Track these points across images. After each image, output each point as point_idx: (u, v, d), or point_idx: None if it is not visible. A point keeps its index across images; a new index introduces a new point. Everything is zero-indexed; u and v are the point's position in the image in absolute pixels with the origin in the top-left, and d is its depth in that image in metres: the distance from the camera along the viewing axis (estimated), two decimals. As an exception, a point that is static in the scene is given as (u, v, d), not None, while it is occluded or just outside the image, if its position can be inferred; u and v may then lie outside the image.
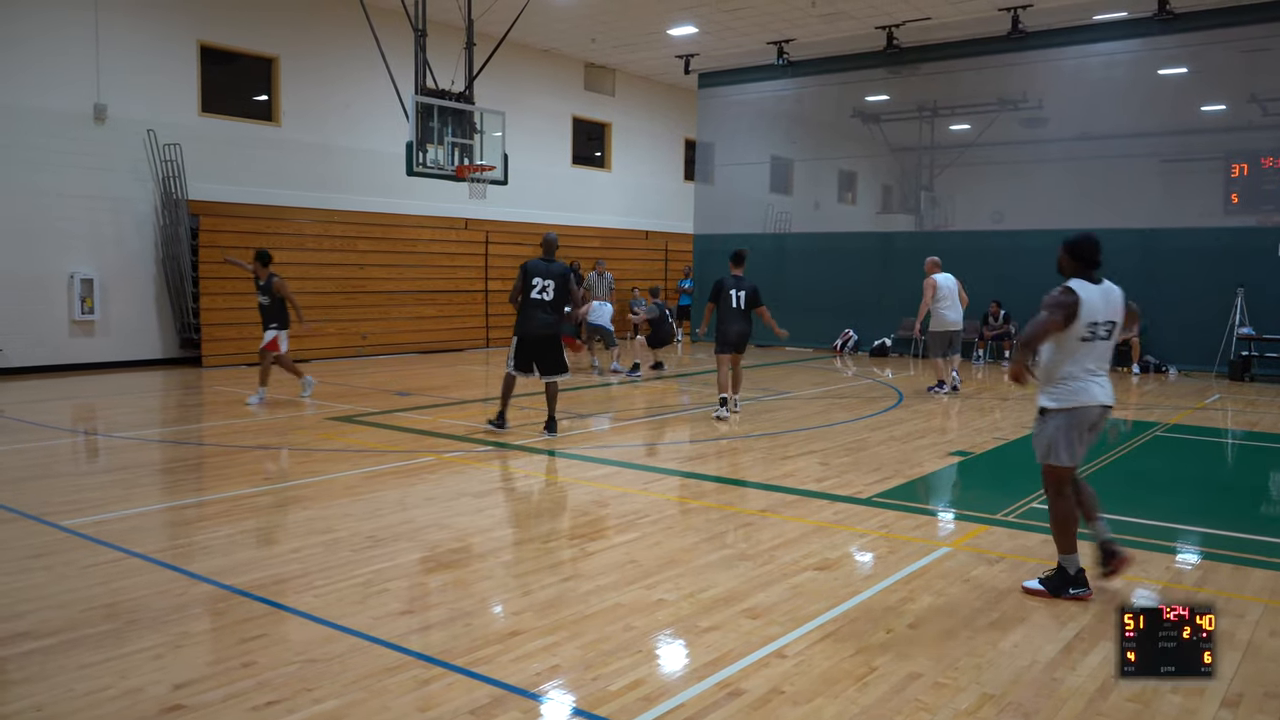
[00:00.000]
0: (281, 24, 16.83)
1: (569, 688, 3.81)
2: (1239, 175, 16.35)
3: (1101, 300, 4.82)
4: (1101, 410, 4.88)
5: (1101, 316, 4.81)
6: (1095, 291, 4.81)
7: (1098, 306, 4.79)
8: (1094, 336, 4.80)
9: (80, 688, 3.73)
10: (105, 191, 14.83)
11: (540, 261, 9.48)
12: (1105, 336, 4.85)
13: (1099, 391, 4.85)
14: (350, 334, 17.76)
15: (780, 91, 21.33)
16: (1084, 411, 4.83)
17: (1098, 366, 4.88)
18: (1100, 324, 4.81)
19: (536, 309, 9.32)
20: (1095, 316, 4.78)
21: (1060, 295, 4.79)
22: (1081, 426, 4.86)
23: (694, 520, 6.50)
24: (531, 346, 9.43)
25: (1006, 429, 10.37)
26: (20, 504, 6.61)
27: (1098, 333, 4.81)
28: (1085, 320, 4.75)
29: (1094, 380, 4.85)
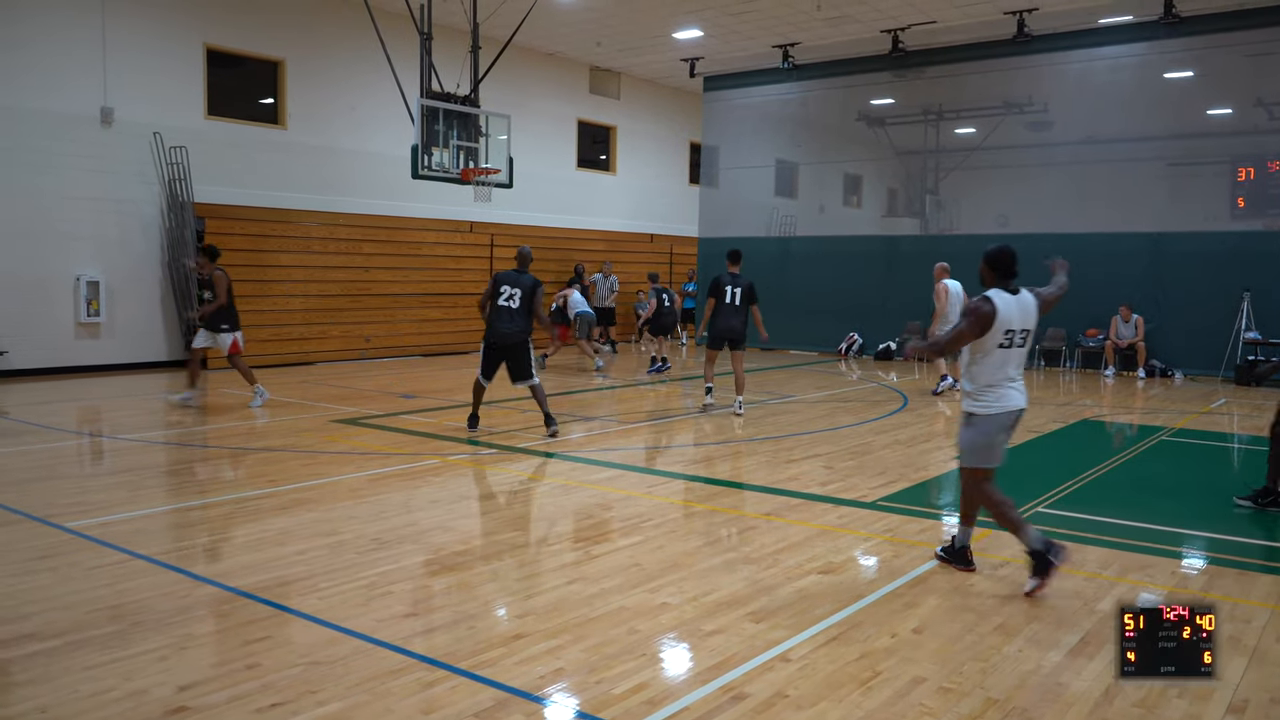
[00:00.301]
0: (287, 27, 16.87)
1: (573, 691, 3.81)
2: (1245, 179, 16.32)
3: (1017, 310, 5.09)
4: (1018, 413, 5.21)
5: (1017, 325, 5.09)
6: (1012, 301, 5.08)
7: (1014, 315, 5.07)
8: (1011, 344, 5.10)
9: (85, 689, 3.74)
10: (111, 194, 14.87)
11: (512, 272, 9.75)
12: (1021, 344, 5.14)
13: (1017, 397, 5.18)
14: (354, 336, 17.78)
15: (785, 95, 21.34)
16: (1005, 416, 5.16)
17: (1016, 373, 5.17)
18: (1016, 332, 5.09)
19: (503, 316, 9.54)
20: (1011, 325, 5.06)
21: (978, 304, 5.05)
22: (1002, 429, 5.19)
23: (698, 524, 6.50)
24: (498, 353, 9.62)
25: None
26: (25, 506, 6.63)
27: (1014, 340, 5.10)
28: (1002, 328, 5.03)
29: (1013, 387, 5.16)
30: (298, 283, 16.96)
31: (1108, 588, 5.14)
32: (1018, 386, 5.18)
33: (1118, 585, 5.18)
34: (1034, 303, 5.20)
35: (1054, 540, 5.08)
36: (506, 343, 9.54)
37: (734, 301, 11.14)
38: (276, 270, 16.68)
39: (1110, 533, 6.31)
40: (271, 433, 9.75)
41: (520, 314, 9.54)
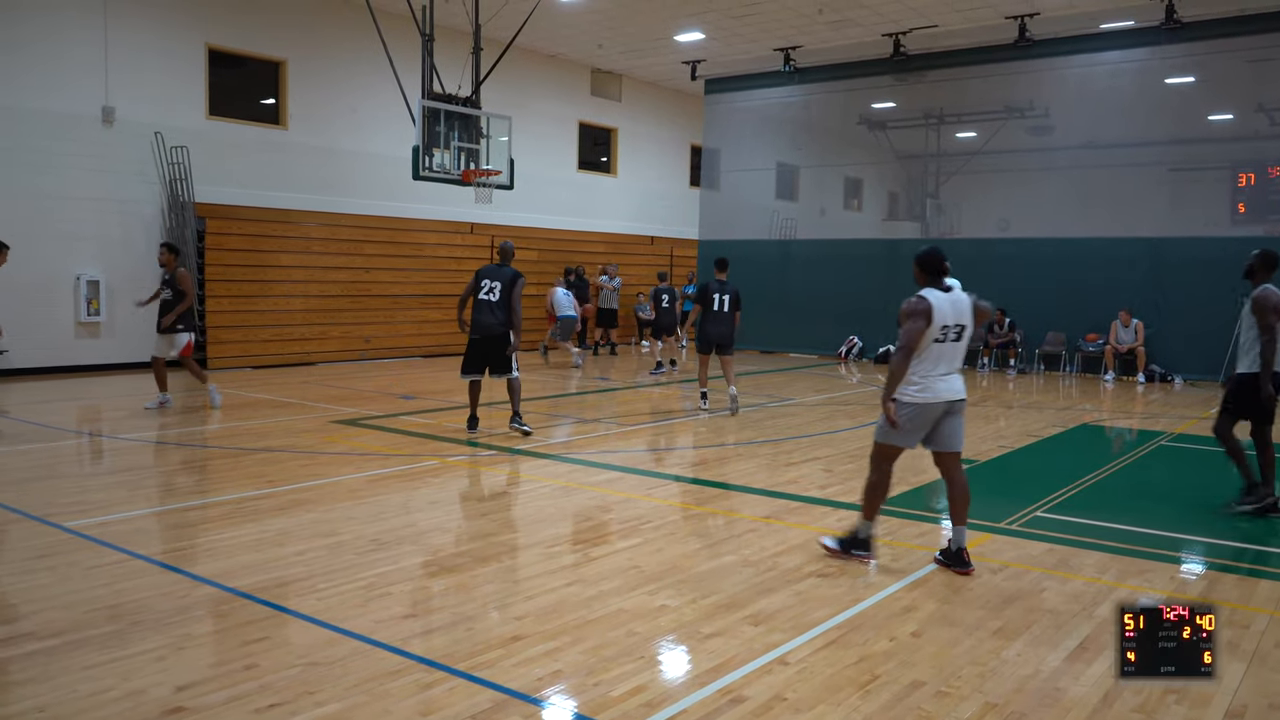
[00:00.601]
0: (289, 27, 16.88)
1: (571, 693, 3.80)
2: (1246, 185, 16.32)
3: (950, 306, 5.32)
4: (947, 404, 5.42)
5: (951, 320, 5.31)
6: (944, 298, 5.31)
7: (947, 311, 5.30)
8: (945, 338, 5.32)
9: (83, 689, 3.74)
10: (112, 194, 14.87)
11: (493, 265, 9.81)
12: (955, 339, 5.37)
13: (945, 389, 5.38)
14: (354, 337, 17.79)
15: (787, 98, 21.34)
16: (931, 407, 5.38)
17: (948, 368, 5.39)
18: (950, 327, 5.32)
19: (483, 310, 9.59)
20: (945, 320, 5.28)
21: (915, 303, 5.28)
22: (926, 418, 5.41)
23: (697, 526, 6.50)
24: (477, 346, 9.71)
25: (1010, 437, 10.35)
26: (25, 505, 6.63)
27: (949, 335, 5.33)
28: (937, 324, 5.26)
29: (942, 380, 5.37)
30: (298, 283, 16.97)
31: (1106, 592, 5.14)
32: (947, 380, 5.38)
33: (1116, 590, 5.18)
34: (967, 300, 5.41)
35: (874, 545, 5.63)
36: (488, 334, 9.60)
37: (722, 308, 11.46)
38: (277, 271, 16.68)
39: (1109, 537, 6.31)
40: (271, 433, 9.75)
41: (500, 307, 9.56)
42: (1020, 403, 13.36)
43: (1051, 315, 17.58)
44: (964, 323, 5.36)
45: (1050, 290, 17.48)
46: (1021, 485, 8.16)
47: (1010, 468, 8.88)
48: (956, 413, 5.48)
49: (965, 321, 5.36)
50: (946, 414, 5.44)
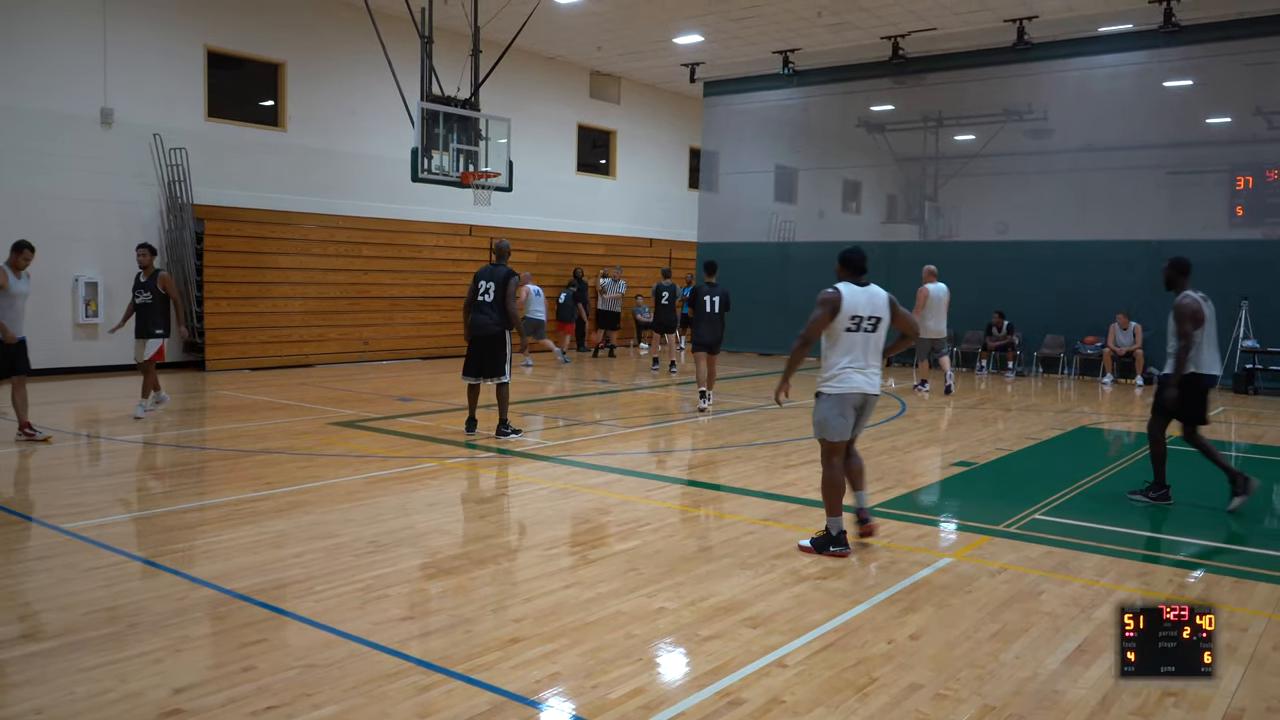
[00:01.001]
0: (288, 29, 16.89)
1: (569, 695, 3.80)
2: (1244, 188, 16.34)
3: (865, 299, 5.75)
4: (864, 396, 5.80)
5: (865, 312, 5.73)
6: (859, 292, 5.77)
7: (860, 303, 5.72)
8: (858, 328, 5.73)
9: (80, 691, 3.73)
10: (110, 195, 14.87)
11: (488, 266, 9.76)
12: (870, 329, 5.76)
13: (861, 380, 5.75)
14: (353, 339, 17.78)
15: (785, 100, 21.35)
16: (849, 396, 5.76)
17: (865, 360, 5.77)
18: (864, 318, 5.74)
19: (480, 310, 9.57)
20: (858, 311, 5.71)
21: (827, 293, 5.74)
22: (846, 407, 5.78)
23: (695, 528, 6.50)
24: (474, 347, 9.68)
25: (1009, 440, 10.36)
26: (22, 507, 6.62)
27: (862, 325, 5.74)
28: (848, 314, 5.69)
29: (858, 371, 5.75)
30: (297, 285, 16.96)
31: (1105, 595, 5.14)
32: (864, 372, 5.77)
33: (1115, 592, 5.18)
34: (884, 296, 5.84)
35: (846, 536, 5.82)
36: (482, 334, 9.57)
37: (713, 310, 11.94)
38: (275, 272, 16.67)
39: (1108, 540, 6.32)
40: (269, 435, 9.74)
41: (494, 307, 9.53)
42: (1019, 405, 13.37)
43: (1050, 318, 17.59)
44: (879, 315, 5.78)
45: (1048, 293, 17.49)
46: (1020, 488, 8.16)
47: (1009, 470, 8.89)
48: (869, 409, 5.95)
49: (880, 314, 5.78)
50: (862, 408, 5.88)
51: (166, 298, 10.62)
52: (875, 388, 5.82)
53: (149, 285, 10.57)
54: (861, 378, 5.75)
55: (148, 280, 10.57)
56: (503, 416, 9.74)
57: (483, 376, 9.70)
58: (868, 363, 5.78)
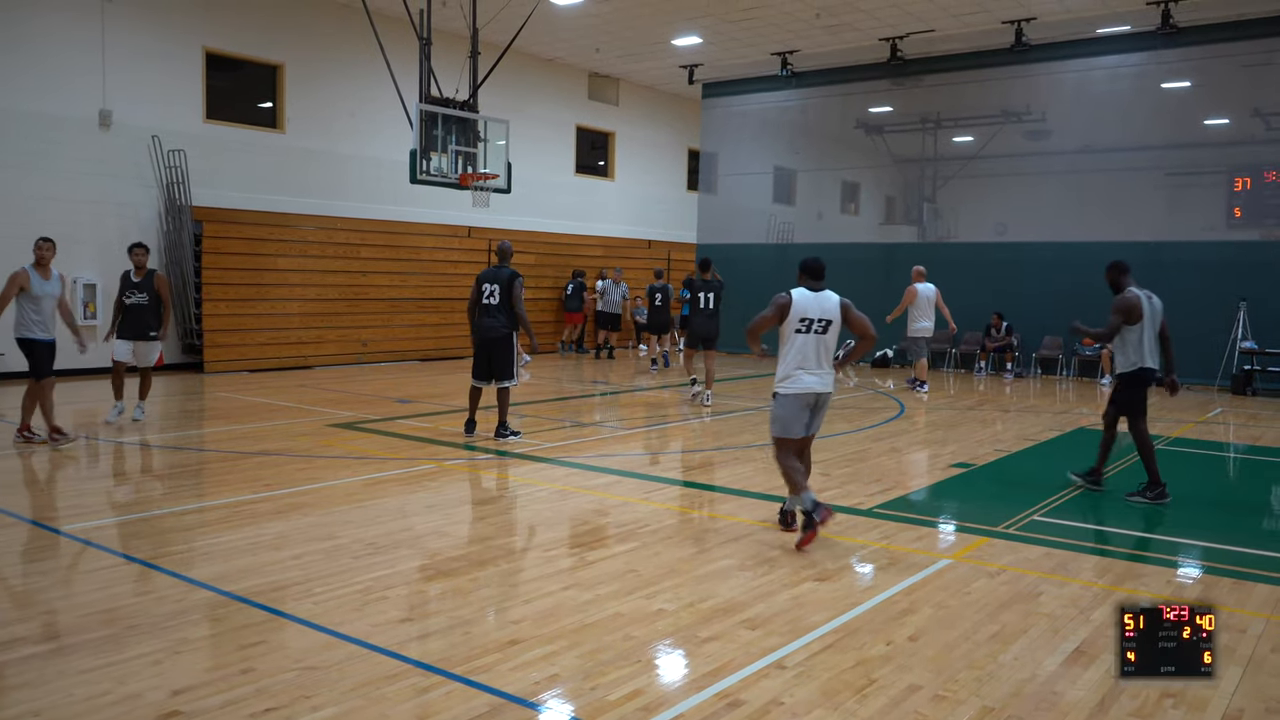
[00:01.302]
0: (287, 31, 16.89)
1: (567, 697, 3.80)
2: (1242, 189, 16.35)
3: (815, 303, 6.12)
4: (815, 395, 6.17)
5: (815, 315, 6.10)
6: (810, 296, 6.13)
7: (810, 306, 6.10)
8: (808, 330, 6.09)
9: (79, 693, 3.73)
10: (109, 197, 14.86)
11: (491, 268, 9.68)
12: (820, 331, 6.12)
13: (813, 381, 6.12)
14: (351, 341, 17.77)
15: (784, 102, 21.37)
16: (802, 396, 6.13)
17: (817, 360, 6.12)
18: (814, 321, 6.10)
19: (485, 314, 9.52)
20: (807, 314, 6.08)
21: (780, 296, 6.10)
22: (800, 406, 6.16)
23: (694, 530, 6.50)
24: (480, 350, 9.60)
25: (1007, 441, 10.36)
26: (20, 508, 6.62)
27: (812, 327, 6.09)
28: (798, 315, 6.06)
29: (807, 373, 6.11)
30: (295, 286, 16.95)
31: (1104, 596, 5.14)
32: (815, 373, 6.12)
33: (1113, 593, 5.18)
34: (835, 300, 6.18)
35: (821, 504, 5.97)
36: (489, 338, 9.51)
37: (707, 306, 12.49)
38: (274, 274, 16.66)
39: (1106, 541, 6.32)
40: (268, 437, 9.73)
41: (500, 309, 9.47)
42: (1017, 406, 13.37)
43: (1048, 319, 17.59)
44: (829, 318, 6.12)
45: (1047, 294, 17.49)
46: (1019, 489, 8.16)
47: (1007, 471, 8.89)
48: (822, 406, 6.28)
49: (830, 317, 6.13)
50: (815, 406, 6.22)
51: (159, 299, 10.34)
52: (827, 387, 6.18)
53: (145, 285, 10.24)
54: (813, 378, 6.12)
55: (143, 280, 10.23)
56: (502, 419, 9.72)
57: (492, 379, 9.63)
58: (819, 363, 6.13)
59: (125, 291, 10.25)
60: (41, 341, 9.06)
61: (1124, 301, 7.48)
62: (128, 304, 10.25)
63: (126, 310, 10.29)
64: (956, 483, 8.27)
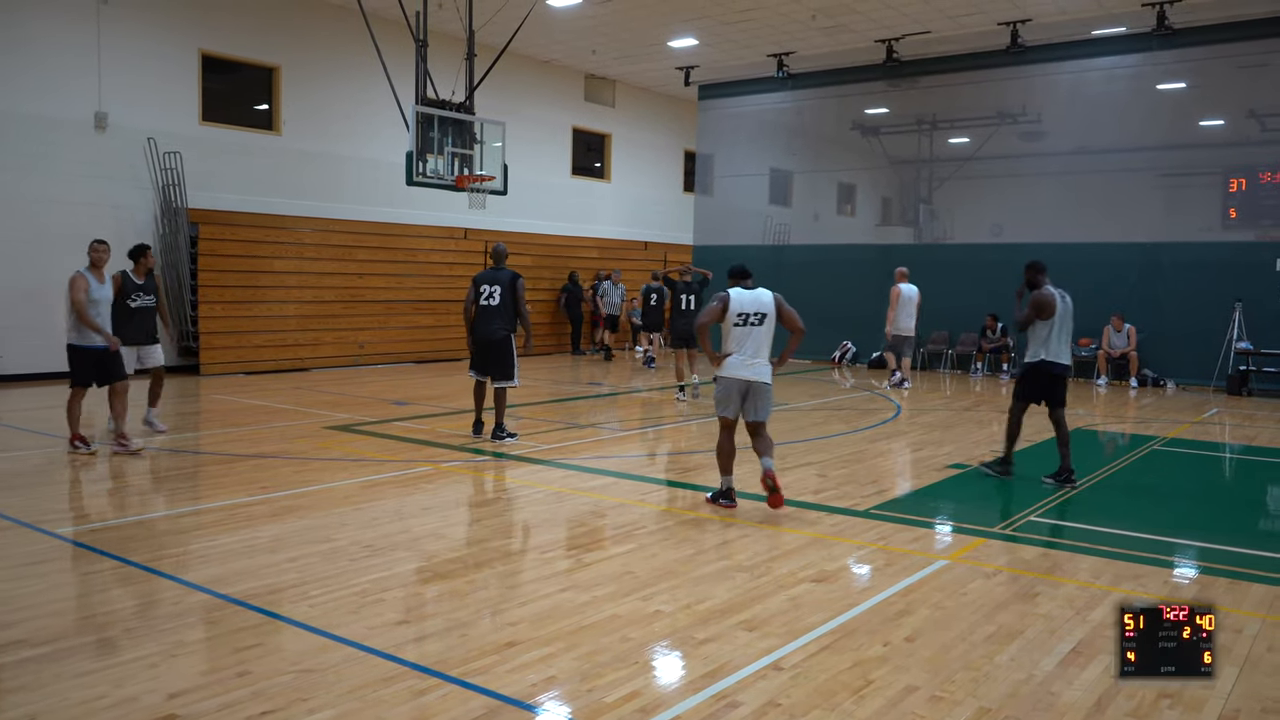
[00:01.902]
0: (283, 33, 16.88)
1: (565, 699, 3.80)
2: (1237, 190, 16.39)
3: (751, 299, 6.92)
4: (746, 383, 6.87)
5: (750, 310, 6.88)
6: (745, 294, 6.96)
7: (746, 302, 6.90)
8: (745, 323, 6.87)
9: (75, 696, 3.72)
10: (105, 199, 14.83)
11: (489, 270, 9.74)
12: (756, 324, 6.87)
13: (745, 371, 6.85)
14: (348, 343, 17.75)
15: (780, 104, 21.39)
16: (733, 383, 6.89)
17: (754, 350, 6.87)
18: (749, 315, 6.88)
19: (485, 314, 9.56)
20: (744, 310, 6.88)
21: (719, 295, 6.97)
22: (731, 392, 6.91)
23: (691, 531, 6.50)
24: (483, 351, 9.64)
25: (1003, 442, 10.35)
26: (17, 511, 6.60)
27: (748, 320, 6.87)
28: (735, 311, 6.88)
29: (744, 364, 6.85)
30: (291, 289, 16.93)
31: (1100, 597, 5.14)
32: (747, 363, 6.85)
33: (1110, 594, 5.19)
34: (770, 296, 6.98)
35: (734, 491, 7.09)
36: (490, 339, 9.56)
37: (688, 307, 13.24)
38: (270, 276, 16.65)
39: (1102, 542, 6.33)
40: (264, 439, 9.72)
41: (501, 311, 9.53)
42: (1014, 407, 13.39)
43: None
44: (764, 312, 6.89)
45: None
46: (1015, 490, 8.17)
47: (1004, 472, 8.88)
48: (758, 392, 6.90)
49: (765, 311, 6.89)
50: (748, 392, 6.88)
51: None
52: (759, 376, 6.86)
53: (150, 287, 9.87)
54: (746, 369, 6.86)
55: (146, 282, 9.87)
56: (499, 420, 9.73)
57: (489, 377, 9.69)
58: (755, 353, 6.86)
59: (130, 295, 9.75)
60: (85, 347, 8.87)
61: (1039, 298, 8.00)
62: (134, 307, 9.77)
63: (132, 314, 9.77)
64: (953, 483, 8.28)
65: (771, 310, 6.90)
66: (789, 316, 6.95)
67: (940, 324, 18.82)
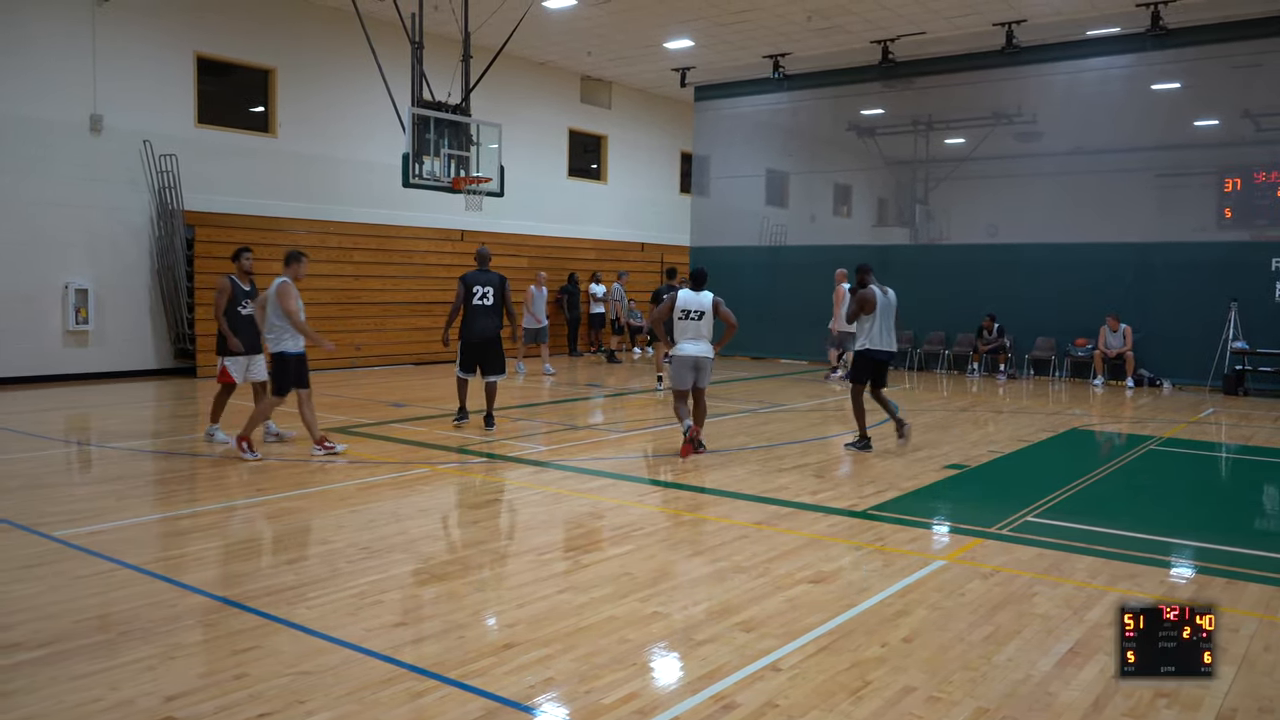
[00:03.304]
0: (278, 36, 16.87)
1: (562, 701, 3.80)
2: (1232, 190, 16.43)
3: (694, 299, 8.98)
4: (694, 359, 8.99)
5: (692, 307, 8.98)
6: (691, 294, 9.02)
7: (690, 301, 8.98)
8: (686, 317, 8.98)
9: (71, 699, 3.71)
10: (101, 202, 14.82)
11: (478, 272, 10.44)
12: (696, 318, 8.97)
13: (692, 349, 9.00)
14: (345, 345, 17.70)
15: (776, 105, 21.41)
16: (685, 359, 9.01)
17: (696, 335, 9.00)
18: (690, 311, 8.97)
19: (479, 314, 10.25)
20: (686, 307, 8.98)
21: (670, 294, 8.98)
22: (685, 367, 9.01)
23: (689, 533, 6.50)
24: (475, 349, 10.36)
25: (1001, 442, 10.38)
26: (13, 514, 6.59)
27: (689, 314, 8.98)
28: (680, 308, 8.98)
29: (688, 342, 9.01)
30: (288, 291, 16.89)
31: (1097, 597, 5.15)
32: (694, 343, 8.99)
33: (1108, 594, 5.19)
34: (710, 298, 8.96)
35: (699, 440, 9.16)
36: (486, 337, 10.26)
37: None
38: (266, 279, 16.45)
39: (1100, 542, 6.33)
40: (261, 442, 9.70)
41: (494, 311, 10.28)
42: (1010, 408, 13.40)
43: (1040, 320, 17.65)
44: (702, 309, 8.93)
45: (1039, 296, 17.56)
46: (1012, 490, 8.18)
47: (1001, 473, 8.91)
48: (701, 366, 9.03)
49: (703, 309, 8.93)
50: (695, 366, 9.00)
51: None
52: (703, 353, 8.99)
53: (254, 293, 9.59)
54: (692, 347, 8.98)
55: (251, 287, 9.66)
56: (489, 410, 10.49)
57: (486, 374, 10.38)
58: (698, 336, 8.98)
59: (240, 301, 9.47)
60: (291, 354, 8.81)
61: (862, 295, 9.50)
62: (244, 314, 9.56)
63: (242, 321, 9.57)
64: (950, 484, 8.29)
65: (709, 309, 8.94)
66: (724, 314, 8.92)
67: (937, 325, 18.84)
